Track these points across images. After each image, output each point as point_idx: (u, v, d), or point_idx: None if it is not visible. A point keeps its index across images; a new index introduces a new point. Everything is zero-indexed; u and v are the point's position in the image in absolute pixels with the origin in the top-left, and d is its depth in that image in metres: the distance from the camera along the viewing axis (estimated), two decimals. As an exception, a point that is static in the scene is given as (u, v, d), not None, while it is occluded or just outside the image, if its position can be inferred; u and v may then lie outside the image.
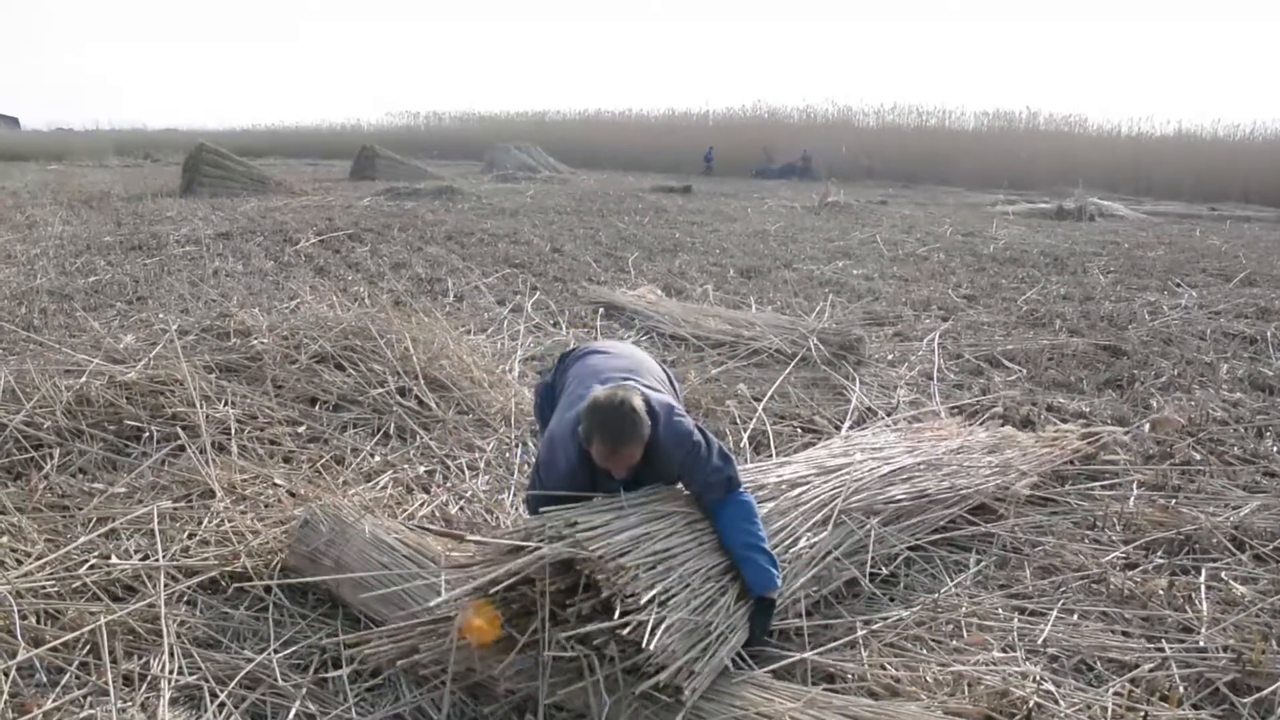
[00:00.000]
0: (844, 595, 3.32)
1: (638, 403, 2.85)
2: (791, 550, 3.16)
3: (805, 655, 2.86)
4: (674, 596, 2.62)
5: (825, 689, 2.68)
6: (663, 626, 2.49)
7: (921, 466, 3.92)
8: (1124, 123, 30.05)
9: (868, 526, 3.45)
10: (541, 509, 2.82)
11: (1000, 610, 3.22)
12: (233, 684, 2.73)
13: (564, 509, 2.77)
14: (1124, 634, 3.09)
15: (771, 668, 2.79)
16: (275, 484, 4.06)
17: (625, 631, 2.46)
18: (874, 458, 3.89)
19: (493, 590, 2.62)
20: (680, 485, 3.10)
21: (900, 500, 3.66)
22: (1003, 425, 5.01)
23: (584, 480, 2.98)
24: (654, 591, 2.55)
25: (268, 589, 3.25)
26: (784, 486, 3.45)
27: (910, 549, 3.59)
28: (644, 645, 2.43)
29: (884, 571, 3.43)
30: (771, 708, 2.48)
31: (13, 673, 2.70)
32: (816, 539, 3.26)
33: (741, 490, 3.01)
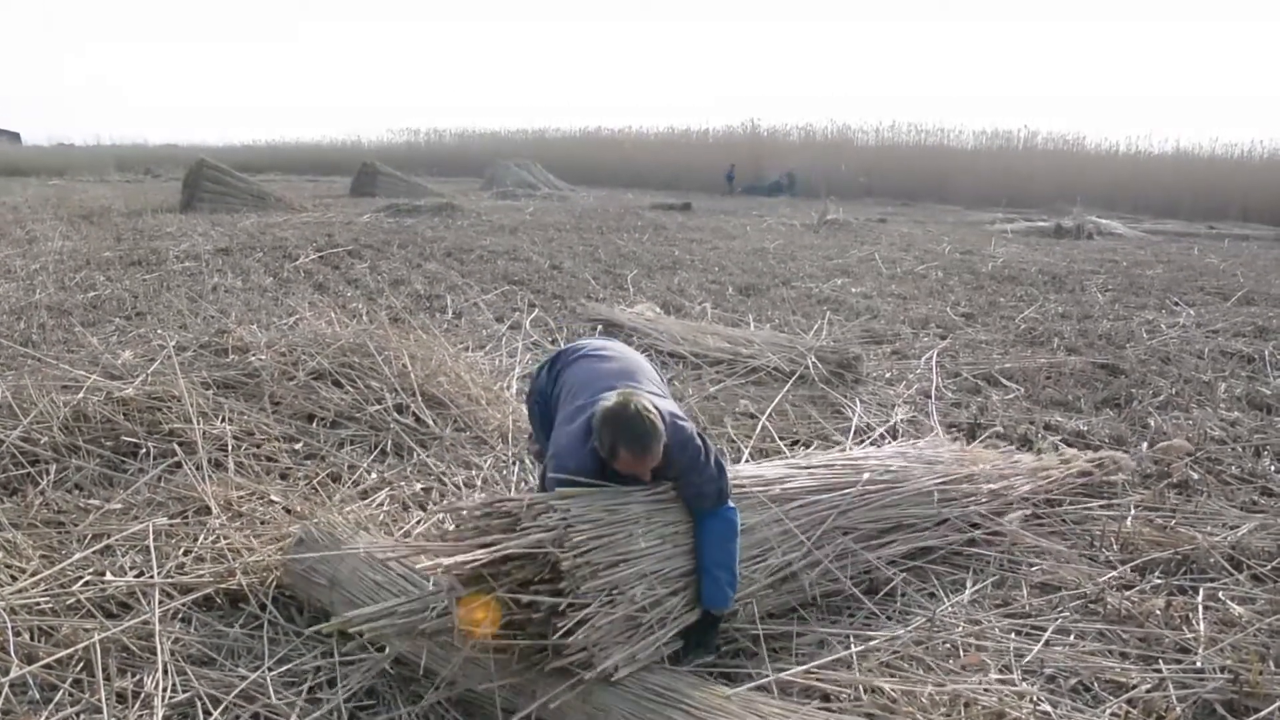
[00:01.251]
0: (840, 612, 3.31)
1: (649, 404, 2.86)
2: (763, 565, 3.20)
3: (800, 674, 2.85)
4: (625, 593, 2.71)
5: (819, 706, 2.67)
6: (586, 625, 2.59)
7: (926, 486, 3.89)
8: (1122, 141, 30.21)
9: (840, 543, 3.45)
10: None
11: (997, 630, 3.21)
12: (226, 702, 2.72)
13: (573, 493, 2.83)
14: (1121, 654, 3.08)
15: (762, 682, 2.78)
16: (271, 501, 4.06)
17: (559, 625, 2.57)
18: (881, 476, 3.85)
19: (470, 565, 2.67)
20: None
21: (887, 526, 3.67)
22: (1011, 446, 5.00)
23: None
24: (602, 592, 2.66)
25: (262, 606, 3.25)
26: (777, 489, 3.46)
27: (905, 570, 3.58)
28: (562, 637, 2.55)
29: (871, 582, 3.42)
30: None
31: (5, 690, 2.69)
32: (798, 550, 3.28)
33: (730, 505, 3.03)
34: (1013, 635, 3.17)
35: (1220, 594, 3.48)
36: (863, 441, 5.11)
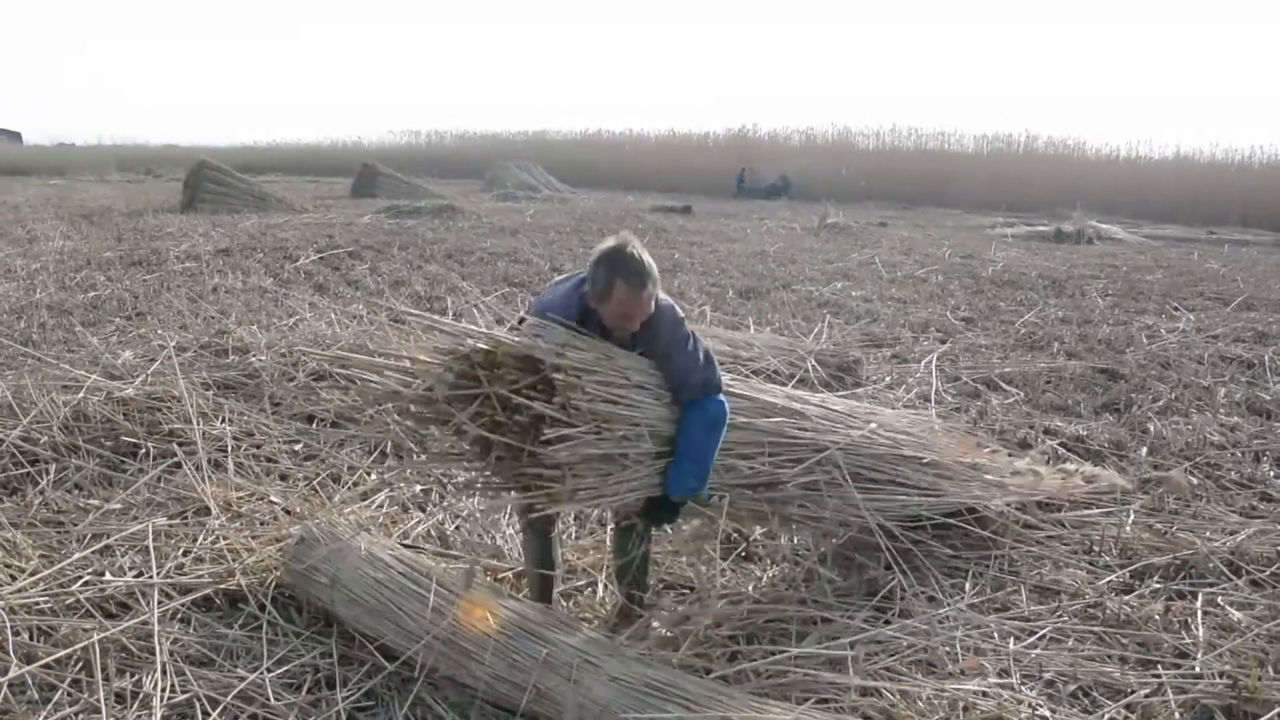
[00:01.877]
0: (838, 611, 3.31)
1: (645, 251, 2.86)
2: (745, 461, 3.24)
3: (798, 675, 2.85)
4: (613, 427, 2.76)
5: (816, 706, 2.67)
6: (570, 442, 2.67)
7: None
8: (1122, 146, 30.16)
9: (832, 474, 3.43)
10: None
11: (996, 634, 3.21)
12: (225, 703, 2.72)
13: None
14: (1120, 659, 3.08)
15: (760, 682, 2.78)
16: (271, 501, 4.06)
17: (546, 432, 2.67)
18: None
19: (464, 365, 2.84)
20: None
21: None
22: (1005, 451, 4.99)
23: None
24: (591, 421, 2.72)
25: (262, 606, 3.25)
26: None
27: (903, 571, 3.58)
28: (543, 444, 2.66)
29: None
30: (763, 723, 2.46)
31: (4, 689, 2.69)
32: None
33: (718, 398, 3.00)
34: (1012, 639, 3.17)
35: (1219, 599, 3.48)
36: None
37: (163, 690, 2.75)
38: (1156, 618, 3.31)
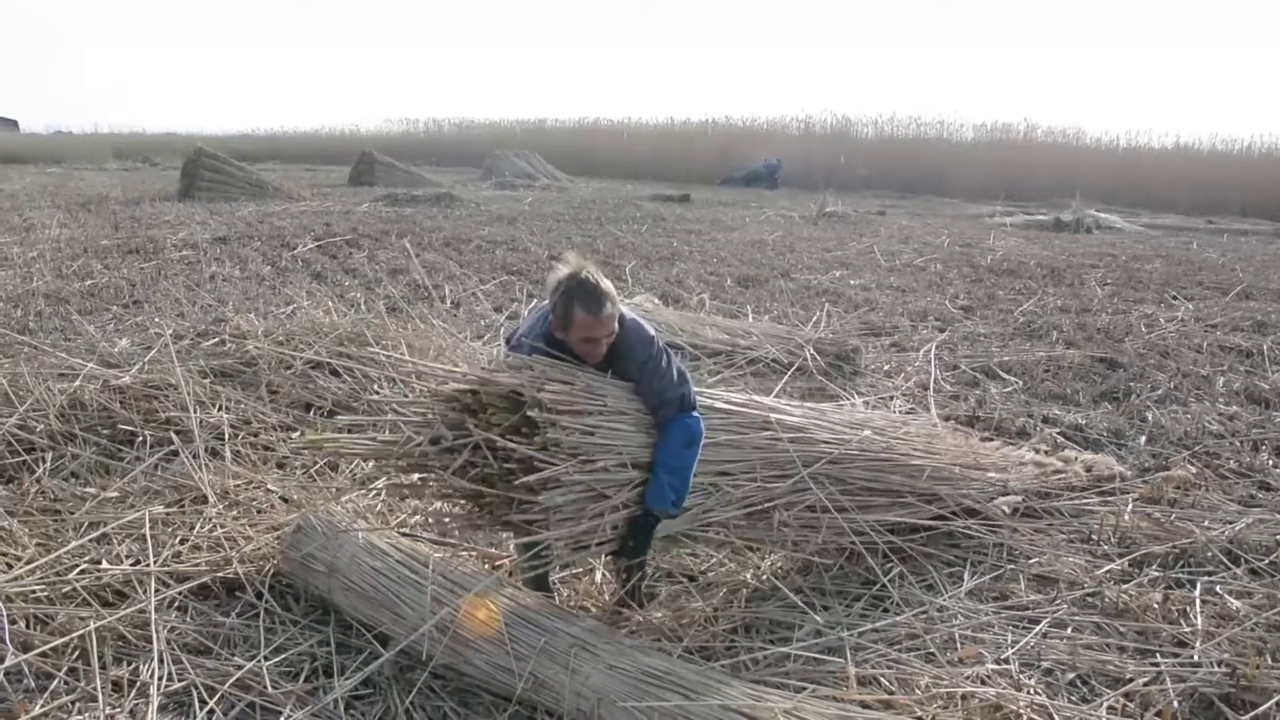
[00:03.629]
0: (836, 599, 3.31)
1: (599, 274, 2.89)
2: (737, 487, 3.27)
3: (798, 663, 2.84)
4: (594, 460, 2.80)
5: (814, 694, 2.66)
6: (550, 484, 2.71)
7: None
8: (1121, 135, 30.11)
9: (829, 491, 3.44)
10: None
11: (994, 623, 3.21)
12: (222, 691, 2.71)
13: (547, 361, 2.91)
14: (1118, 648, 3.08)
15: (759, 671, 2.78)
16: (268, 490, 4.05)
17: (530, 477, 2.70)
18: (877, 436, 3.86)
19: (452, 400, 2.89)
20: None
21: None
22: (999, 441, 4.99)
23: None
24: (571, 455, 2.75)
25: (259, 595, 3.24)
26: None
27: (903, 560, 3.58)
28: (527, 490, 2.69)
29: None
30: (759, 710, 2.46)
31: (1, 677, 2.68)
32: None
33: (694, 413, 3.02)
34: (1010, 628, 3.17)
35: (1218, 588, 3.48)
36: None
37: (160, 678, 2.74)
38: (1155, 606, 3.31)
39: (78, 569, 3.29)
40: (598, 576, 3.55)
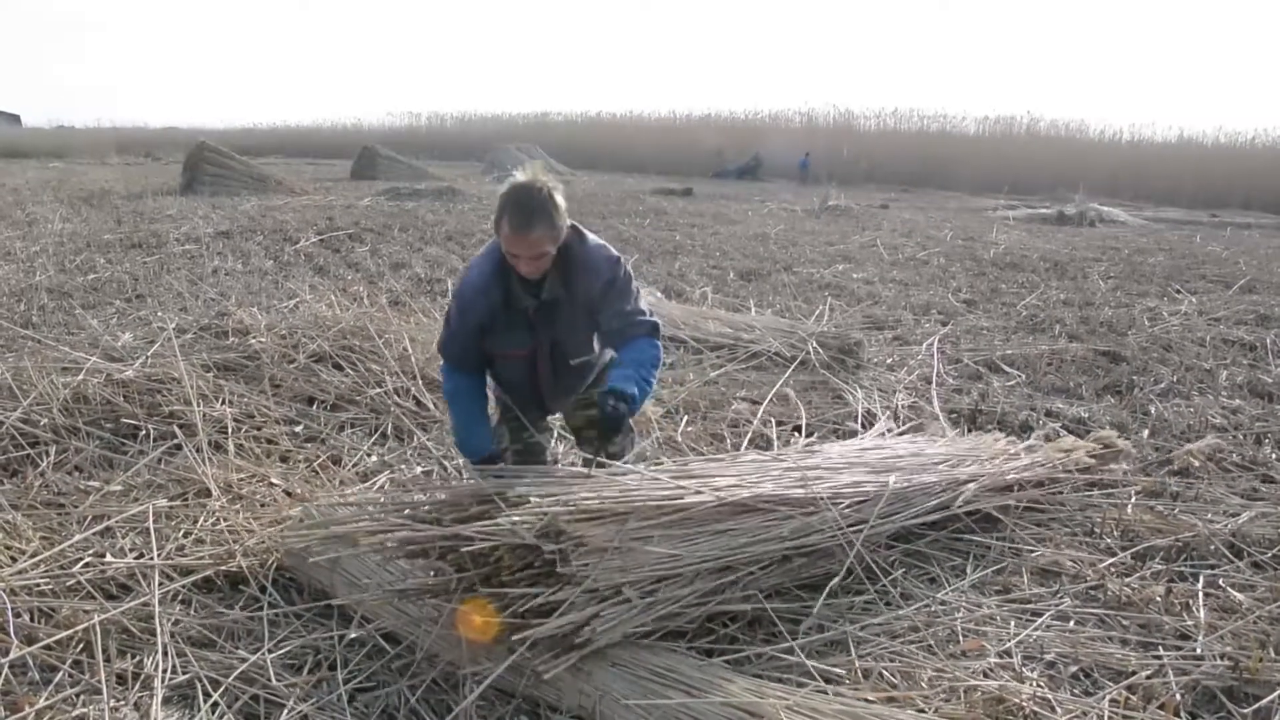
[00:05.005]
0: (838, 594, 3.31)
1: (558, 195, 2.70)
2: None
3: (799, 657, 2.84)
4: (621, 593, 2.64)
5: (817, 689, 2.66)
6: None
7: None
8: (1125, 128, 30.21)
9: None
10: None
11: (997, 616, 3.21)
12: (226, 684, 2.72)
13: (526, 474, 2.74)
14: (1121, 641, 3.08)
15: (760, 664, 2.78)
16: (272, 483, 4.05)
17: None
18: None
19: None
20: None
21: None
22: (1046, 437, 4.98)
23: (496, 297, 2.85)
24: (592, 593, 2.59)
25: (262, 588, 3.24)
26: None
27: (905, 554, 3.58)
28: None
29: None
30: (762, 706, 2.46)
31: (5, 671, 2.69)
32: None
33: (658, 341, 2.93)
34: (1013, 621, 3.17)
35: (1220, 581, 3.47)
36: (867, 429, 5.10)
37: (164, 671, 2.74)
38: (1158, 599, 3.31)
39: (81, 562, 3.29)
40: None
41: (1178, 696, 2.75)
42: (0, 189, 19.51)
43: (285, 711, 2.62)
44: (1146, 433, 5.18)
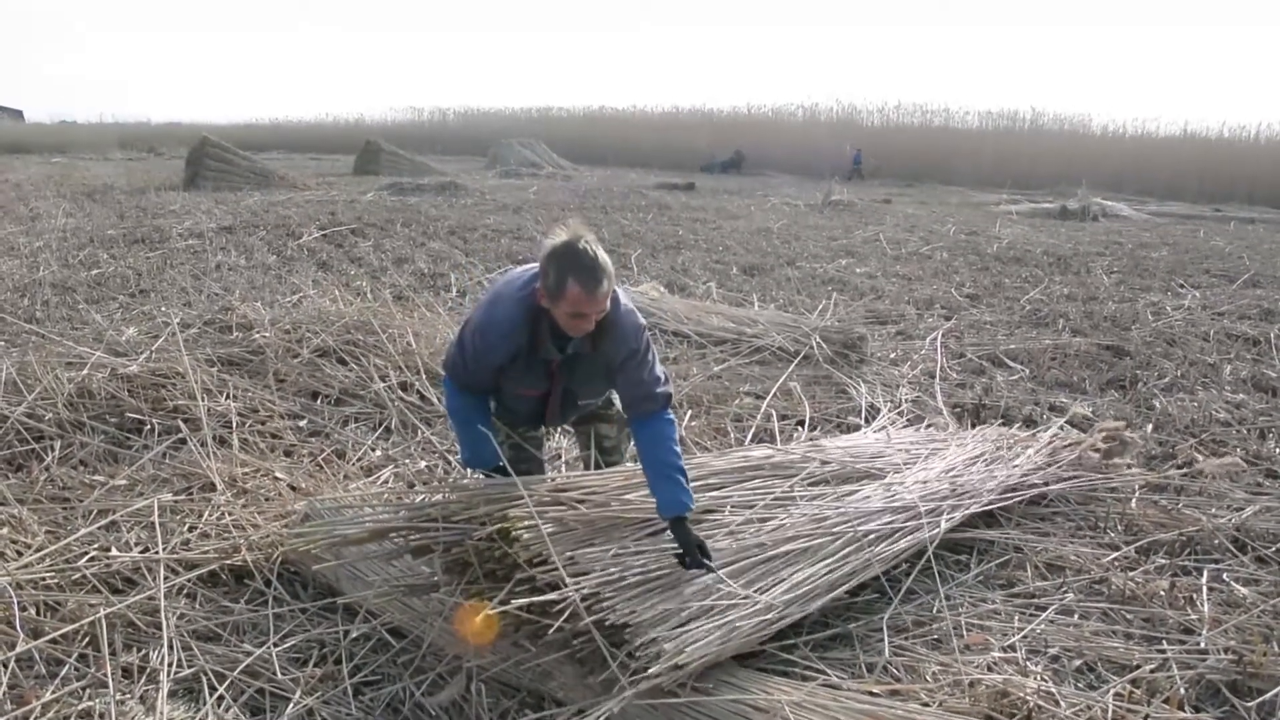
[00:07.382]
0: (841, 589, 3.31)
1: (603, 251, 2.69)
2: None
3: (804, 652, 2.85)
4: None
5: (824, 684, 2.67)
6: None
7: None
8: (1128, 123, 30.05)
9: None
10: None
11: (1001, 610, 3.21)
12: (231, 677, 2.72)
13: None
14: (1125, 635, 3.08)
15: (766, 661, 2.78)
16: (276, 477, 4.06)
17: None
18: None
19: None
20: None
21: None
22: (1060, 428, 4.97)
23: (522, 343, 2.81)
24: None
25: (267, 582, 3.25)
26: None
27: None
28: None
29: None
30: (770, 700, 2.47)
31: (12, 664, 2.70)
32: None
33: (670, 410, 2.95)
34: (1017, 615, 3.18)
35: (1224, 575, 3.48)
36: (869, 424, 5.10)
37: (169, 665, 2.75)
38: (1162, 594, 3.31)
39: (87, 556, 3.30)
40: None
41: (1181, 690, 2.75)
42: (3, 184, 19.54)
43: (290, 705, 2.63)
44: (1150, 427, 5.18)
